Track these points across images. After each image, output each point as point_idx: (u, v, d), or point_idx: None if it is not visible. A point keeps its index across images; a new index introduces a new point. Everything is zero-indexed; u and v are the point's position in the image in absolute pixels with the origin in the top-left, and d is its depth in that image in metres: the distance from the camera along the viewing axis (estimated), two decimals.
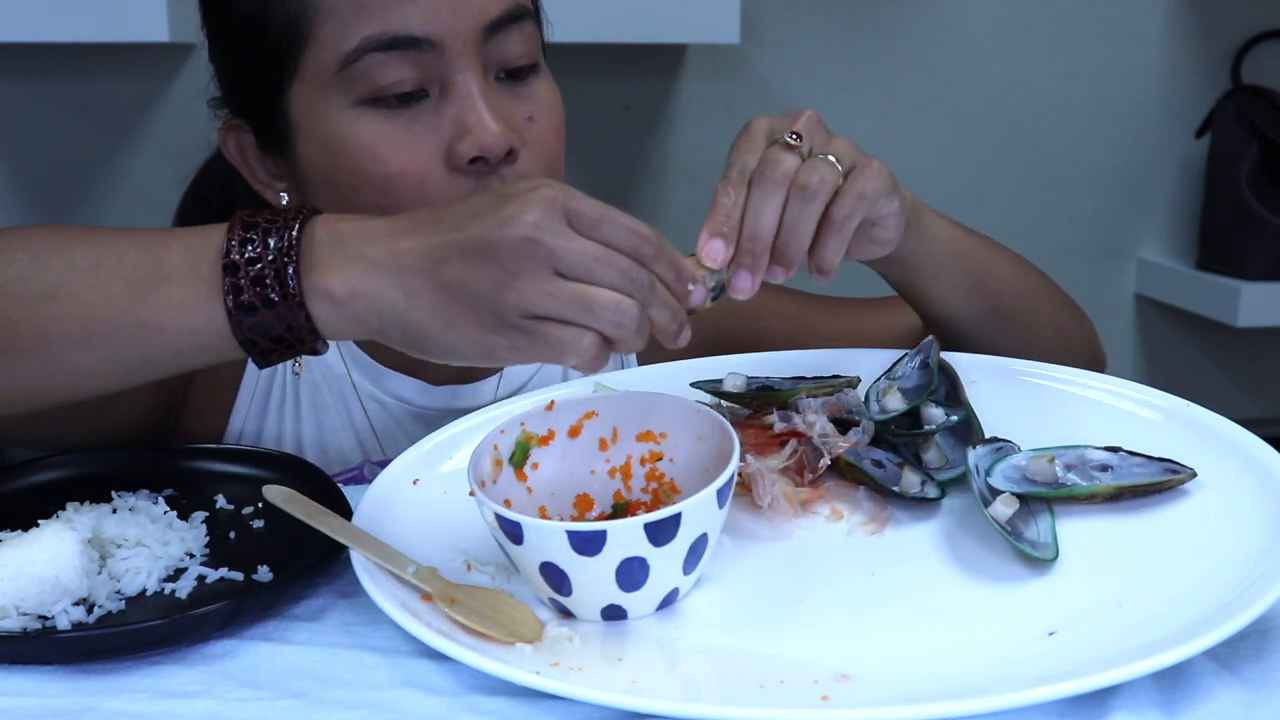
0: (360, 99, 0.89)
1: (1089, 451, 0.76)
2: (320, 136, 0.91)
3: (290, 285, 0.69)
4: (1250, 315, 2.12)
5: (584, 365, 0.67)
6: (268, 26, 0.91)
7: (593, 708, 0.60)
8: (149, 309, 0.72)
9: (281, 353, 0.72)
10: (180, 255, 0.72)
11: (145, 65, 1.92)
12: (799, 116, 0.78)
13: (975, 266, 0.92)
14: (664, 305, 0.69)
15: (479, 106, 0.89)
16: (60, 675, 0.65)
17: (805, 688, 0.60)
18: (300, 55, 0.90)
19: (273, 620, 0.70)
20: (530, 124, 0.93)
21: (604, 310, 0.66)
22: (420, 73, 0.88)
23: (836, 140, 0.78)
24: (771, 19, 2.09)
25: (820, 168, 0.75)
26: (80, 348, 0.73)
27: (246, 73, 0.95)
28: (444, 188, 0.89)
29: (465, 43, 0.89)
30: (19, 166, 1.95)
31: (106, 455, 0.89)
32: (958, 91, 2.21)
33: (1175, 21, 2.25)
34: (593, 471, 0.75)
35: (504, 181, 0.89)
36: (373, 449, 1.04)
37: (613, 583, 0.65)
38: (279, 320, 0.70)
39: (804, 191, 0.74)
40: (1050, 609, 0.66)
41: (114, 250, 0.73)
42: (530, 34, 0.93)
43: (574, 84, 1.04)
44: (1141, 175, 2.31)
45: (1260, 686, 0.61)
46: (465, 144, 0.88)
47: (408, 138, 0.89)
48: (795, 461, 0.79)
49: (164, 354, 0.73)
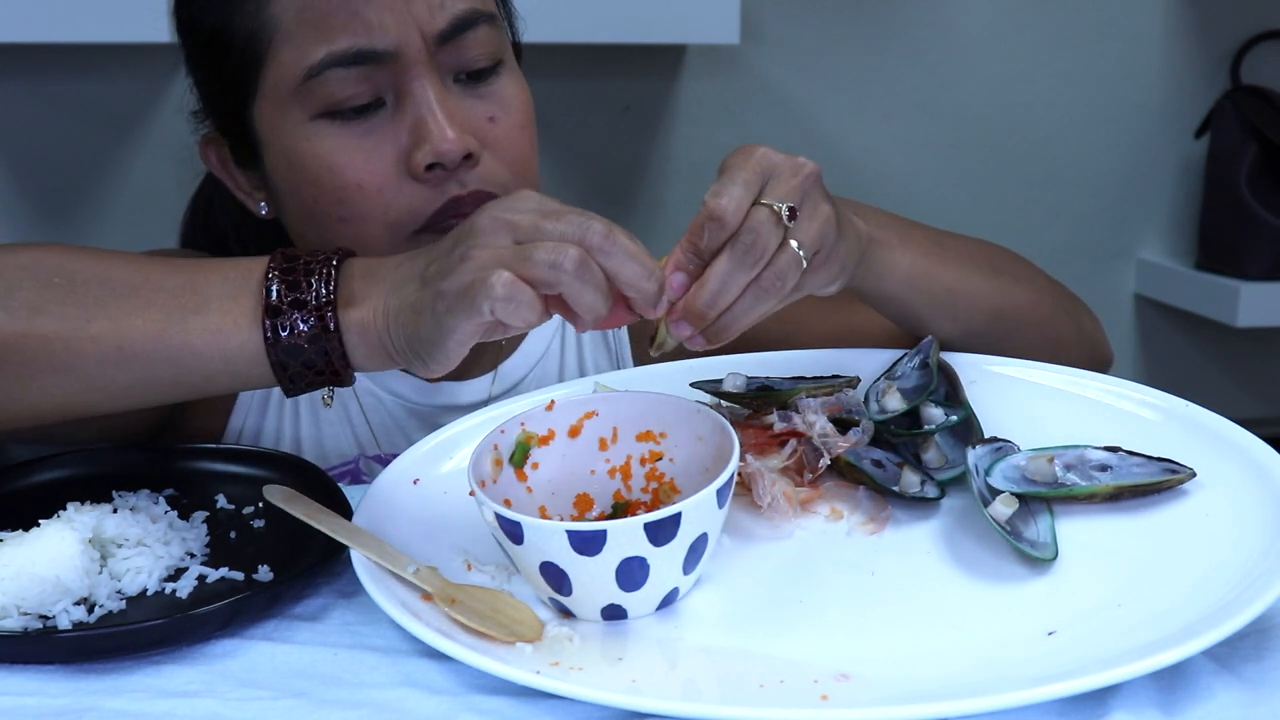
0: (317, 113, 0.90)
1: (1088, 451, 0.76)
2: (283, 151, 0.93)
3: (328, 318, 0.73)
4: (1249, 315, 2.12)
5: (504, 309, 0.66)
6: (230, 44, 0.92)
7: (593, 707, 0.60)
8: (185, 333, 0.75)
9: (311, 379, 0.75)
10: (219, 285, 0.76)
11: (145, 65, 1.92)
12: (801, 170, 0.74)
13: (941, 294, 0.89)
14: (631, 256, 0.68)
15: (435, 112, 0.89)
16: (61, 675, 0.65)
17: (805, 687, 0.60)
18: (260, 72, 0.91)
19: (273, 620, 0.70)
20: (492, 125, 0.93)
21: (546, 254, 0.66)
22: (375, 83, 0.89)
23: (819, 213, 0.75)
24: (771, 19, 2.09)
25: (788, 268, 0.72)
26: (115, 368, 0.75)
27: (215, 89, 0.97)
28: (403, 197, 0.90)
29: (418, 51, 0.89)
30: (19, 166, 1.95)
31: (107, 455, 0.89)
32: (958, 91, 2.21)
33: (1175, 21, 2.25)
34: (593, 471, 0.75)
35: (464, 187, 0.90)
36: (369, 444, 1.05)
37: (613, 582, 0.65)
38: (316, 349, 0.74)
39: (766, 290, 0.72)
40: (1050, 609, 0.66)
41: (151, 277, 0.77)
42: (487, 36, 0.93)
43: (574, 84, 1.04)
44: (1141, 175, 2.31)
45: (1259, 686, 0.61)
46: (421, 152, 0.89)
47: (364, 148, 0.90)
48: (795, 461, 0.80)
49: (195, 376, 0.76)
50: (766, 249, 0.71)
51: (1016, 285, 0.96)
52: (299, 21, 0.89)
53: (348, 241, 0.90)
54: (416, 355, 0.72)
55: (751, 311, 0.72)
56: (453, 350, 0.70)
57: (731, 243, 0.71)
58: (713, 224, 0.71)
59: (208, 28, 0.94)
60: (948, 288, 0.89)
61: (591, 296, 0.68)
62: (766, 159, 0.73)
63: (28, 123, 1.93)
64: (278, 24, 0.90)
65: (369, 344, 0.74)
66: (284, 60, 0.90)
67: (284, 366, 0.74)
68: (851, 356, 0.90)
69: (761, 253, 0.71)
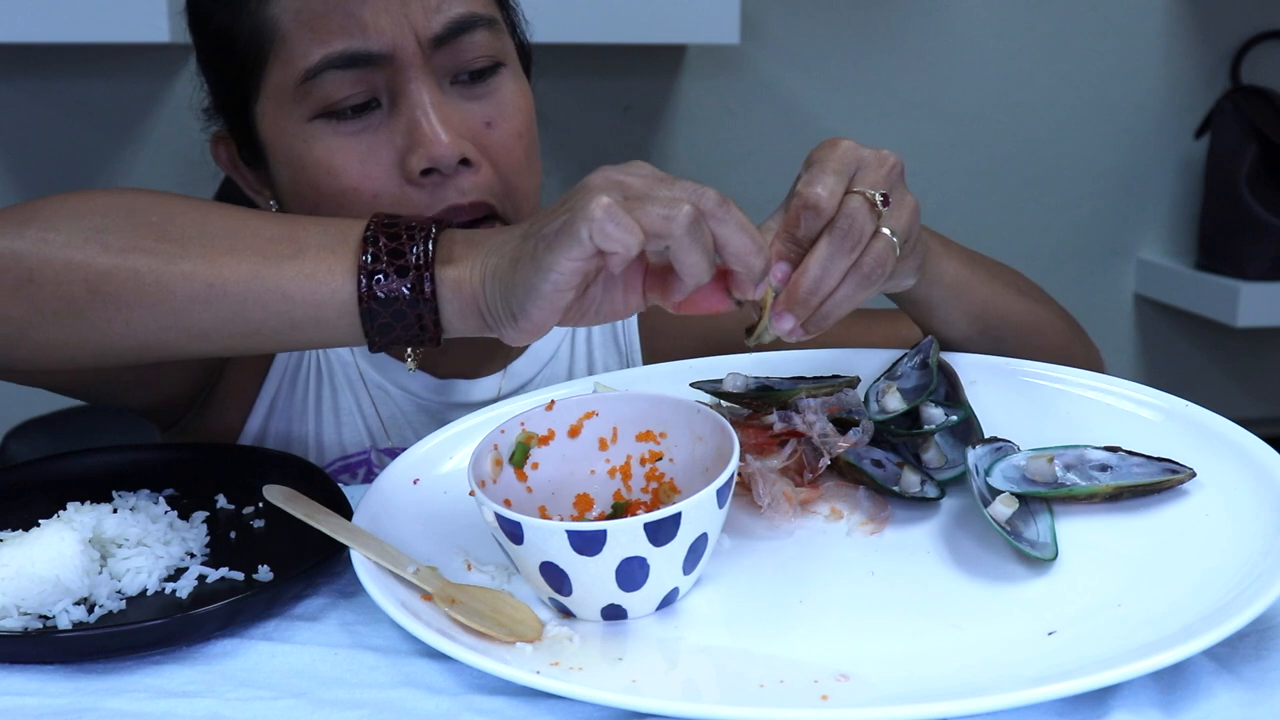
0: (314, 114, 0.90)
1: (1088, 451, 0.76)
2: (284, 153, 0.93)
3: (424, 274, 0.72)
4: (1249, 315, 2.12)
5: (602, 233, 0.64)
6: (234, 44, 0.92)
7: (593, 708, 0.60)
8: (279, 275, 0.74)
9: (399, 333, 0.74)
10: (317, 235, 0.75)
11: (145, 65, 1.92)
12: (887, 162, 0.75)
13: (979, 305, 0.90)
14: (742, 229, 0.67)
15: (430, 116, 0.89)
16: (61, 675, 0.65)
17: (805, 688, 0.60)
18: (263, 73, 0.92)
19: (273, 620, 0.70)
20: (489, 130, 0.93)
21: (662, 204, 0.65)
22: (372, 85, 0.89)
23: (906, 202, 0.76)
24: (771, 19, 2.09)
25: (886, 254, 0.73)
26: (203, 305, 0.75)
27: (222, 88, 0.97)
28: (398, 201, 0.90)
29: (413, 53, 0.89)
30: (19, 166, 1.95)
31: (107, 455, 0.89)
32: (958, 91, 2.21)
33: (1175, 21, 2.25)
34: (593, 471, 0.75)
35: (464, 195, 0.90)
36: (380, 437, 1.05)
37: (613, 582, 0.65)
38: (407, 302, 0.72)
39: (866, 276, 0.73)
40: (1050, 609, 0.66)
41: (249, 224, 0.77)
42: (485, 40, 0.92)
43: (574, 84, 1.04)
44: (1141, 175, 2.31)
45: (1259, 686, 0.61)
46: (416, 156, 0.89)
47: (360, 152, 0.90)
48: (795, 461, 0.80)
49: (281, 322, 0.75)
50: (864, 234, 0.72)
51: (1038, 306, 0.98)
52: (297, 23, 0.89)
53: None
54: (509, 311, 0.70)
55: (852, 299, 0.73)
56: (548, 296, 0.67)
57: (829, 230, 0.72)
58: (808, 212, 0.71)
59: (214, 27, 0.94)
60: (984, 300, 0.90)
61: (698, 258, 0.66)
62: (854, 150, 0.75)
63: (28, 123, 1.93)
64: (277, 25, 0.90)
65: (463, 300, 0.72)
66: (283, 61, 0.90)
67: (373, 315, 0.73)
68: (851, 356, 0.90)
69: (860, 237, 0.72)
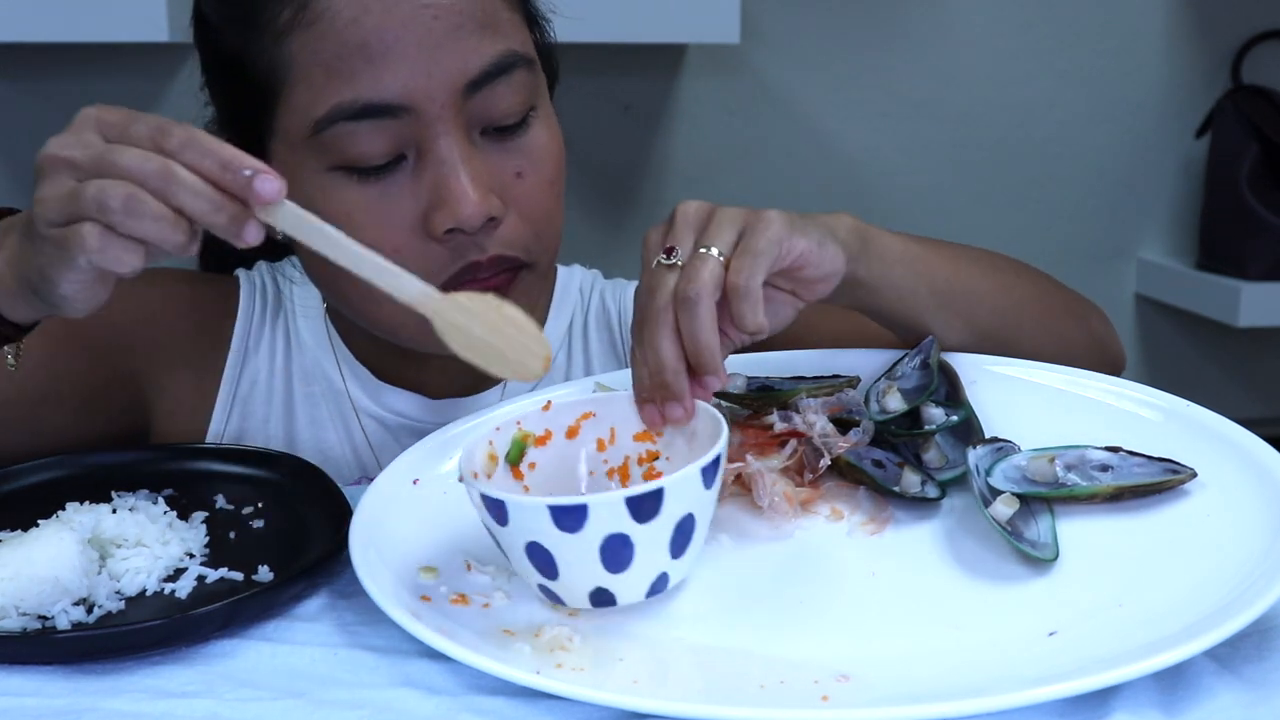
0: (333, 165, 0.84)
1: (1089, 451, 0.76)
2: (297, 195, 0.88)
3: None
4: (1250, 315, 2.12)
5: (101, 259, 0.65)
6: (245, 74, 0.87)
7: (593, 708, 0.60)
8: None
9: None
10: None
11: (145, 65, 1.92)
12: (673, 219, 0.75)
13: (942, 284, 0.87)
14: (194, 193, 0.64)
15: (459, 174, 0.83)
16: (60, 675, 0.65)
17: (805, 688, 0.60)
18: (275, 112, 0.86)
19: (273, 620, 0.70)
20: (519, 180, 0.88)
21: (92, 198, 0.64)
22: (395, 140, 0.83)
23: (718, 217, 0.74)
24: (771, 19, 2.09)
25: (694, 268, 0.72)
26: None
27: (230, 115, 0.92)
28: (418, 257, 0.84)
29: (443, 106, 0.83)
30: (19, 166, 1.95)
31: (106, 455, 0.89)
32: (958, 91, 2.21)
33: (1175, 21, 2.25)
34: (591, 472, 0.75)
35: (483, 251, 0.86)
36: (371, 466, 1.02)
37: (598, 562, 0.65)
38: None
39: (685, 303, 0.71)
40: (1050, 609, 0.66)
41: None
42: (522, 81, 0.86)
43: (574, 84, 1.04)
44: (1141, 175, 2.31)
45: (1260, 686, 0.61)
46: (441, 215, 0.83)
47: (381, 207, 0.85)
48: (795, 461, 0.79)
49: None
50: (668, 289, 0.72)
51: (1017, 281, 0.95)
52: (312, 64, 0.83)
53: (360, 297, 0.87)
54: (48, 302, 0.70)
55: (698, 330, 0.71)
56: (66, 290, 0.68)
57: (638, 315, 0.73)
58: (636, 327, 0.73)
59: (225, 51, 0.88)
60: (949, 279, 0.87)
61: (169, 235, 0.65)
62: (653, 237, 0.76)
63: (28, 123, 1.93)
64: (291, 64, 0.83)
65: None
66: (295, 105, 0.84)
67: None
68: (851, 356, 0.90)
69: (666, 295, 0.72)
